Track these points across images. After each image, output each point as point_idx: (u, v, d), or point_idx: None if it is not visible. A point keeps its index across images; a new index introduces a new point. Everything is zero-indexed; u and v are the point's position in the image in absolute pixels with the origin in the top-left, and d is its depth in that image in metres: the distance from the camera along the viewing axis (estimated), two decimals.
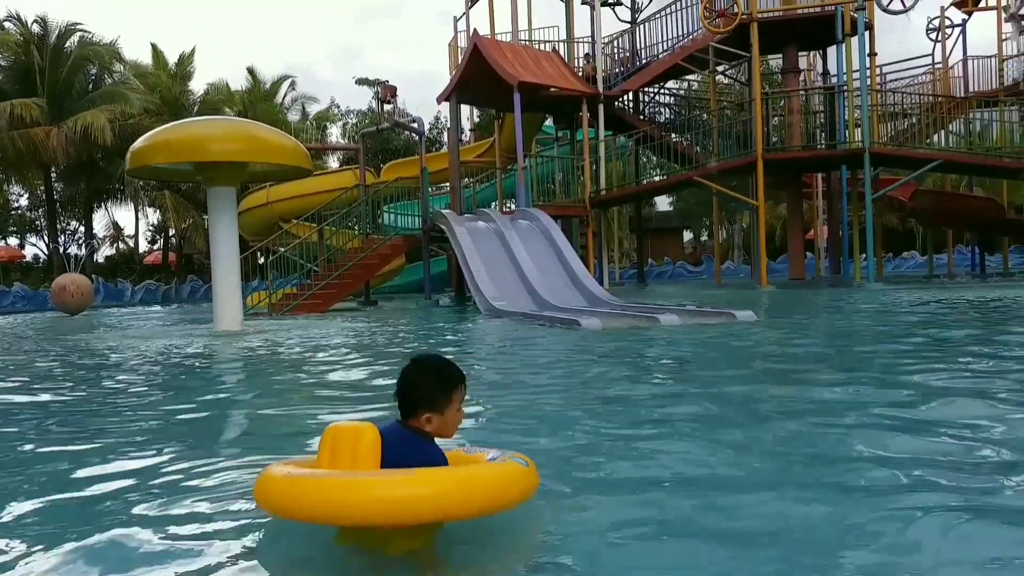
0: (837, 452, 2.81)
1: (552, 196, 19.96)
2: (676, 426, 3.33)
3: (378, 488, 1.82)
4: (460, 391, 2.09)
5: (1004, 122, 19.54)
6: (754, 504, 2.20)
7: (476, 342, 8.41)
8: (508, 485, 1.93)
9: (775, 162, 17.62)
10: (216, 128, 10.75)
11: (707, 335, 7.51)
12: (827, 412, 3.51)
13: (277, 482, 1.91)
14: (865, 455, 2.71)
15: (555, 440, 3.10)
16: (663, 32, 20.46)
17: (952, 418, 3.23)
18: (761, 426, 3.29)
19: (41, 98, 29.65)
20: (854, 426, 3.20)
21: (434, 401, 2.03)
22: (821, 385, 4.29)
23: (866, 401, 3.72)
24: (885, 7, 17.37)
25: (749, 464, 2.67)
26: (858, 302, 11.97)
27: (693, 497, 2.29)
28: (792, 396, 4.01)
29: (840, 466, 2.59)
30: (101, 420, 4.10)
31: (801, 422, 3.31)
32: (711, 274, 28.34)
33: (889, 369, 4.88)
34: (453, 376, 2.10)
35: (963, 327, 7.51)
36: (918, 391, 3.93)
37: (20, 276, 37.61)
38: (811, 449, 2.87)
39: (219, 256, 10.50)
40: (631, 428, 3.32)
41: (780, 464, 2.66)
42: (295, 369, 6.36)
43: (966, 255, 28.09)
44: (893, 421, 3.24)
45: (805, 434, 3.10)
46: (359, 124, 42.83)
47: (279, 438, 3.50)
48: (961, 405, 3.52)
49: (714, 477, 2.53)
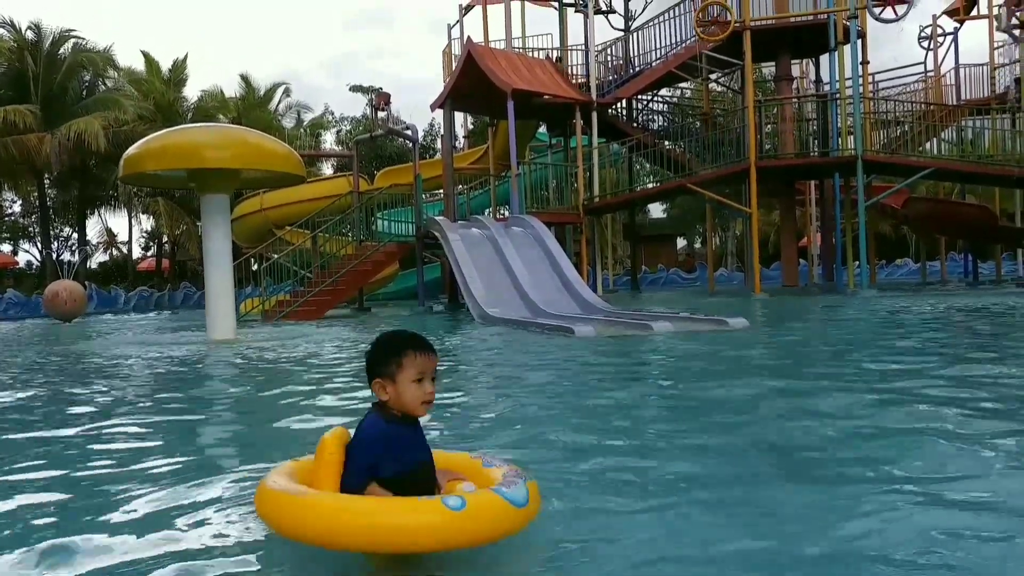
0: (826, 454, 2.81)
1: (546, 203, 20.00)
2: (667, 432, 3.33)
3: (260, 499, 1.98)
4: (413, 358, 2.02)
5: (996, 130, 19.64)
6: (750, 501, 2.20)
7: (469, 349, 8.40)
8: (415, 527, 1.76)
9: (768, 169, 17.67)
10: (209, 135, 10.74)
11: (700, 342, 7.52)
12: (819, 417, 3.51)
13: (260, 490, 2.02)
14: (853, 459, 2.72)
15: (543, 448, 3.10)
16: (656, 40, 20.55)
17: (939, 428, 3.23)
18: (752, 431, 3.29)
19: (35, 104, 29.60)
20: (850, 433, 3.20)
21: (384, 367, 2.03)
22: (812, 392, 4.30)
23: (864, 409, 3.73)
24: (877, 16, 17.46)
25: (744, 466, 2.67)
26: (851, 309, 12.00)
27: (691, 502, 2.29)
28: (785, 401, 4.02)
29: (829, 467, 2.59)
30: (89, 426, 4.09)
31: (794, 426, 3.31)
32: (705, 281, 28.39)
33: (884, 377, 4.89)
34: (403, 342, 2.06)
35: (961, 334, 7.54)
36: (906, 396, 3.94)
37: (13, 283, 37.50)
38: (808, 454, 2.87)
39: (212, 263, 10.48)
40: (622, 434, 3.32)
41: (777, 466, 2.66)
42: (288, 375, 6.34)
43: (959, 262, 28.18)
44: (896, 430, 3.24)
45: (799, 439, 3.10)
46: (353, 131, 42.83)
47: (270, 444, 3.49)
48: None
49: (707, 481, 2.53)
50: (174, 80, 35.93)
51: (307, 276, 17.79)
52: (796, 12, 18.70)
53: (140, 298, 30.39)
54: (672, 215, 48.83)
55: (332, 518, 1.80)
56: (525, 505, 1.88)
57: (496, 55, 18.63)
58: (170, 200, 33.58)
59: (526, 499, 1.89)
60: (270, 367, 7.10)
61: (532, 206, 18.74)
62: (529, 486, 1.94)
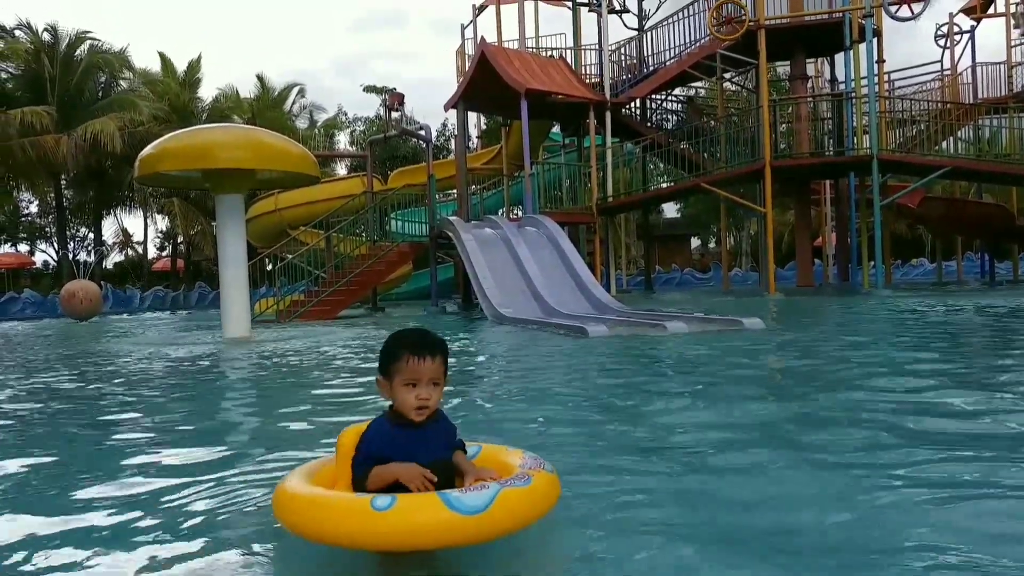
0: (848, 459, 2.79)
1: (559, 203, 19.98)
2: (682, 434, 3.32)
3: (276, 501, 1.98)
4: (406, 362, 2.00)
5: (1014, 129, 19.48)
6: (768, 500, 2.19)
7: (482, 349, 8.40)
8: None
9: (783, 169, 17.59)
10: (224, 135, 10.78)
11: (714, 342, 7.49)
12: (834, 420, 3.49)
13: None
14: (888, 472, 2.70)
15: (556, 449, 3.09)
16: (670, 39, 20.49)
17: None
18: (771, 434, 3.28)
19: (51, 106, 29.84)
20: (869, 441, 3.17)
21: (384, 367, 2.05)
22: (829, 390, 4.27)
23: (886, 412, 3.70)
24: (893, 14, 17.35)
25: (762, 469, 2.65)
26: (867, 309, 11.92)
27: (699, 507, 2.28)
28: (803, 402, 3.99)
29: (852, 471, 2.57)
30: (108, 425, 4.11)
31: (815, 427, 3.29)
32: (719, 281, 28.31)
33: (898, 373, 4.85)
34: (402, 345, 2.03)
35: (975, 334, 7.48)
36: (924, 397, 3.91)
37: (30, 282, 37.82)
38: (833, 457, 2.85)
39: (227, 263, 10.54)
40: (636, 435, 3.31)
41: (797, 471, 2.65)
42: (304, 374, 6.37)
43: (975, 262, 27.97)
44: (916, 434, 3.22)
45: (821, 439, 3.08)
46: (367, 131, 42.96)
47: (288, 442, 3.49)
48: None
49: (721, 483, 2.51)
50: (189, 81, 36.15)
51: (321, 276, 17.86)
52: (811, 11, 18.60)
53: (155, 298, 30.61)
54: (686, 215, 48.72)
55: (285, 509, 1.91)
56: (477, 513, 1.70)
57: (509, 55, 18.63)
58: (185, 200, 33.80)
59: (481, 507, 1.72)
60: (285, 365, 7.12)
61: (545, 206, 18.73)
62: (510, 493, 1.78)
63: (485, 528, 1.73)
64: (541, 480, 1.89)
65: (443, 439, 2.08)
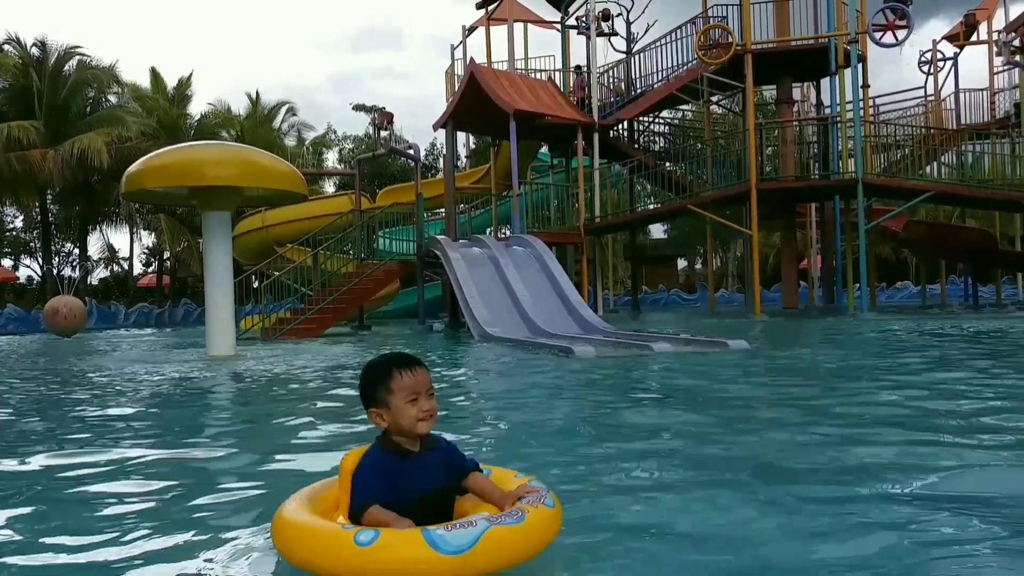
0: (819, 478, 2.80)
1: (547, 223, 20.03)
2: (664, 454, 3.32)
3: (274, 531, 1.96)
4: (401, 379, 1.98)
5: (996, 154, 19.72)
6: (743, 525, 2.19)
7: (469, 368, 8.38)
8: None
9: (769, 192, 17.72)
10: (211, 153, 10.74)
11: (699, 364, 7.50)
12: (819, 441, 3.49)
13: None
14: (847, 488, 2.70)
15: (537, 470, 3.08)
16: (658, 62, 20.67)
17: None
18: (751, 455, 3.28)
19: (39, 120, 29.73)
20: (851, 463, 3.18)
21: (373, 395, 2.01)
22: (810, 412, 4.28)
23: (870, 434, 3.71)
24: (878, 40, 17.58)
25: (745, 497, 2.65)
26: (852, 331, 11.98)
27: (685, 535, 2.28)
28: (784, 423, 4.00)
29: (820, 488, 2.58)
30: (85, 444, 4.07)
31: (792, 450, 3.29)
32: (705, 302, 28.40)
33: (885, 393, 4.87)
34: (388, 366, 2.02)
35: (962, 357, 7.51)
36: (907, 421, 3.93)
37: (13, 298, 37.49)
38: (809, 485, 2.86)
39: (213, 280, 10.49)
40: (620, 456, 3.30)
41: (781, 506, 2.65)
42: (288, 394, 6.32)
43: (959, 285, 28.19)
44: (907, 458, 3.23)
45: (797, 465, 3.09)
46: (356, 150, 43.04)
47: (270, 464, 3.47)
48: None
49: (706, 517, 2.51)
50: (179, 98, 36.13)
51: (307, 294, 17.78)
52: (797, 36, 18.84)
53: (140, 314, 30.38)
54: (673, 236, 48.92)
55: (277, 535, 1.92)
56: (460, 553, 1.68)
57: (499, 76, 18.75)
58: (172, 217, 33.67)
59: (465, 546, 1.69)
60: (269, 384, 7.07)
61: (533, 226, 18.77)
62: (497, 532, 1.74)
63: (468, 568, 1.69)
64: (536, 517, 1.83)
65: (441, 467, 2.04)
